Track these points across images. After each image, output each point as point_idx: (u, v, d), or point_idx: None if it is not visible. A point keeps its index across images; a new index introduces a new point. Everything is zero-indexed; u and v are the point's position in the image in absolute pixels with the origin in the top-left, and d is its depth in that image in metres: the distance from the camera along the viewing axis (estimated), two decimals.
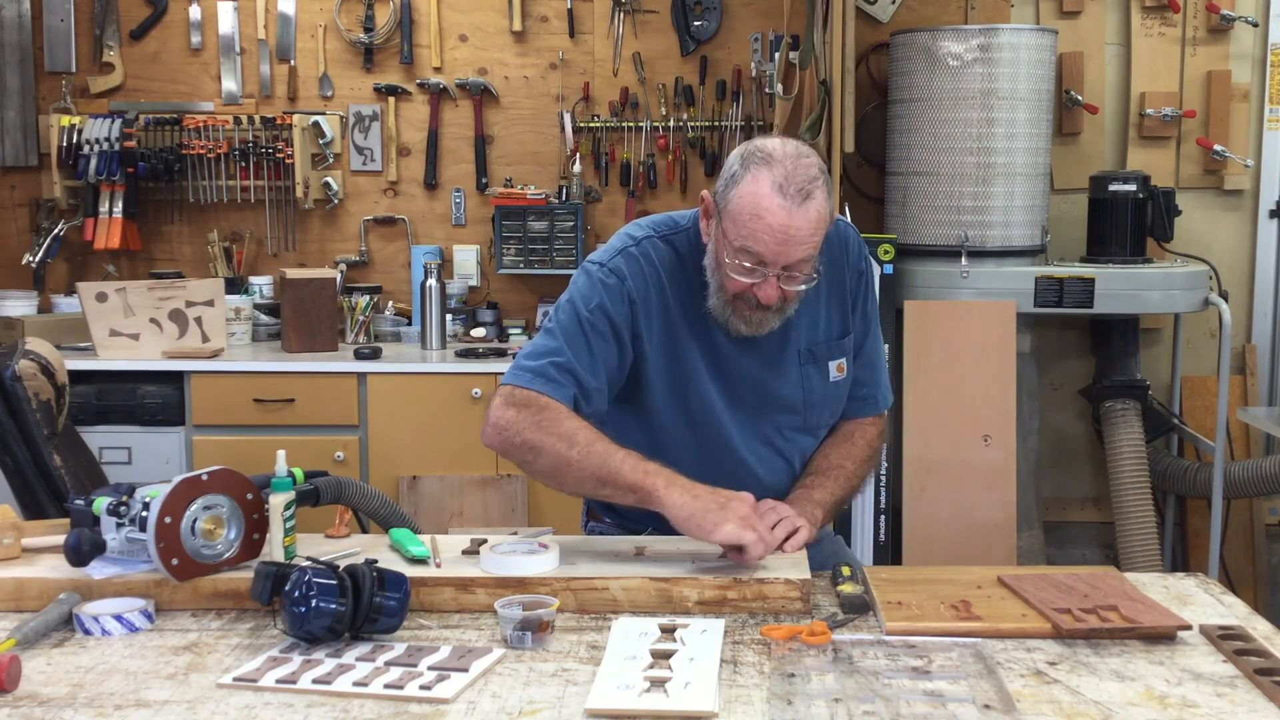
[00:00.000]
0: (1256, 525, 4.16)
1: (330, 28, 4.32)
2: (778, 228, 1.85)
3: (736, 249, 1.89)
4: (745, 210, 1.87)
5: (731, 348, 2.03)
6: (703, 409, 2.04)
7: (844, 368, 2.12)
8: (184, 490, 1.77)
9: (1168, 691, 1.48)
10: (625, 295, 1.98)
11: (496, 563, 1.81)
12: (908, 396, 3.65)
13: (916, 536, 3.61)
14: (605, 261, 2.01)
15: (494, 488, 3.76)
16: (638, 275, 1.99)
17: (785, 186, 1.85)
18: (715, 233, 1.95)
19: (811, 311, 2.07)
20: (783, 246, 1.86)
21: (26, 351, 2.73)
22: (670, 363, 2.02)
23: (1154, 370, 4.14)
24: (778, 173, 1.86)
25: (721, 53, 4.26)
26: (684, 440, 2.05)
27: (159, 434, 3.77)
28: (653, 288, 2.00)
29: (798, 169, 1.86)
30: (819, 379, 2.09)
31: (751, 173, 1.88)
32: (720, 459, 2.05)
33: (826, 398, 2.11)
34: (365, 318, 4.15)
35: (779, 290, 1.90)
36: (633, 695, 1.44)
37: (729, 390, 2.05)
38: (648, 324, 2.00)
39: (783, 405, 2.08)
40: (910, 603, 1.75)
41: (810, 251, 1.89)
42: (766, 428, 2.08)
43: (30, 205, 4.35)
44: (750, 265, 1.88)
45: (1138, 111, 4.12)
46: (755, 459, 2.08)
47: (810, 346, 2.08)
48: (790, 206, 1.84)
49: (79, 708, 1.45)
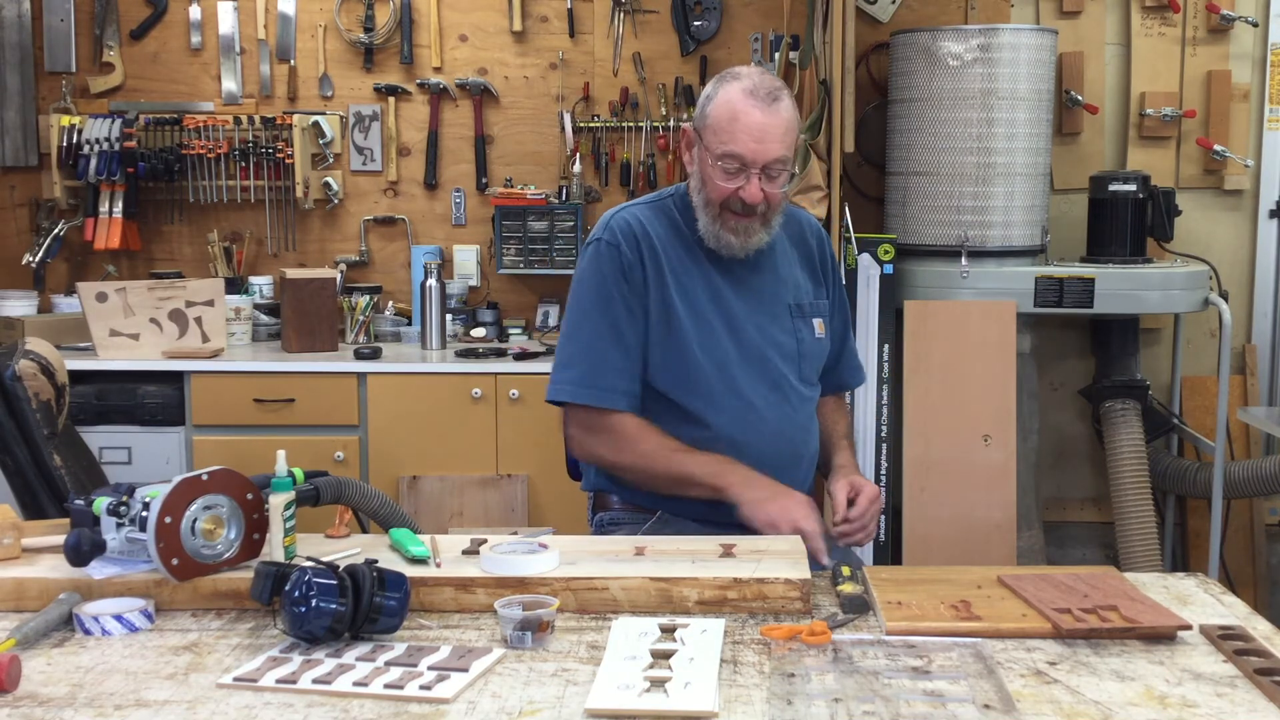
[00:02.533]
0: (1256, 525, 4.16)
1: (330, 28, 4.32)
2: (755, 126, 2.07)
3: (719, 156, 2.10)
4: (723, 117, 2.09)
5: (732, 292, 2.21)
6: (703, 351, 2.18)
7: (823, 327, 2.31)
8: (184, 490, 1.77)
9: (1168, 691, 1.48)
10: (624, 257, 2.18)
11: (496, 563, 1.81)
12: (908, 396, 3.65)
13: (916, 536, 3.61)
14: (600, 235, 2.22)
15: (494, 488, 3.76)
16: (630, 236, 2.20)
17: (756, 90, 2.09)
18: (698, 156, 2.16)
19: (793, 271, 2.29)
20: (760, 144, 2.08)
21: (26, 351, 2.73)
22: (674, 308, 2.18)
23: (1154, 370, 4.14)
24: (746, 82, 2.11)
25: (721, 53, 4.26)
26: (697, 383, 2.19)
27: (159, 434, 3.77)
28: (644, 245, 2.20)
29: (764, 78, 2.13)
30: (807, 332, 2.29)
31: (724, 87, 2.12)
32: (729, 401, 2.19)
33: (814, 353, 2.30)
34: (365, 318, 4.15)
35: (761, 191, 2.10)
36: (633, 695, 1.44)
37: (733, 333, 2.20)
38: (654, 275, 2.19)
39: (781, 350, 2.24)
40: (910, 603, 1.75)
41: (784, 151, 2.10)
42: (771, 372, 2.23)
43: (30, 205, 4.35)
44: (734, 169, 2.10)
45: (1138, 111, 4.12)
46: (763, 402, 2.21)
47: (797, 301, 2.28)
48: (763, 106, 2.08)
49: (79, 708, 1.45)
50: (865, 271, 3.67)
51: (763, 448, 2.19)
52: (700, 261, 2.22)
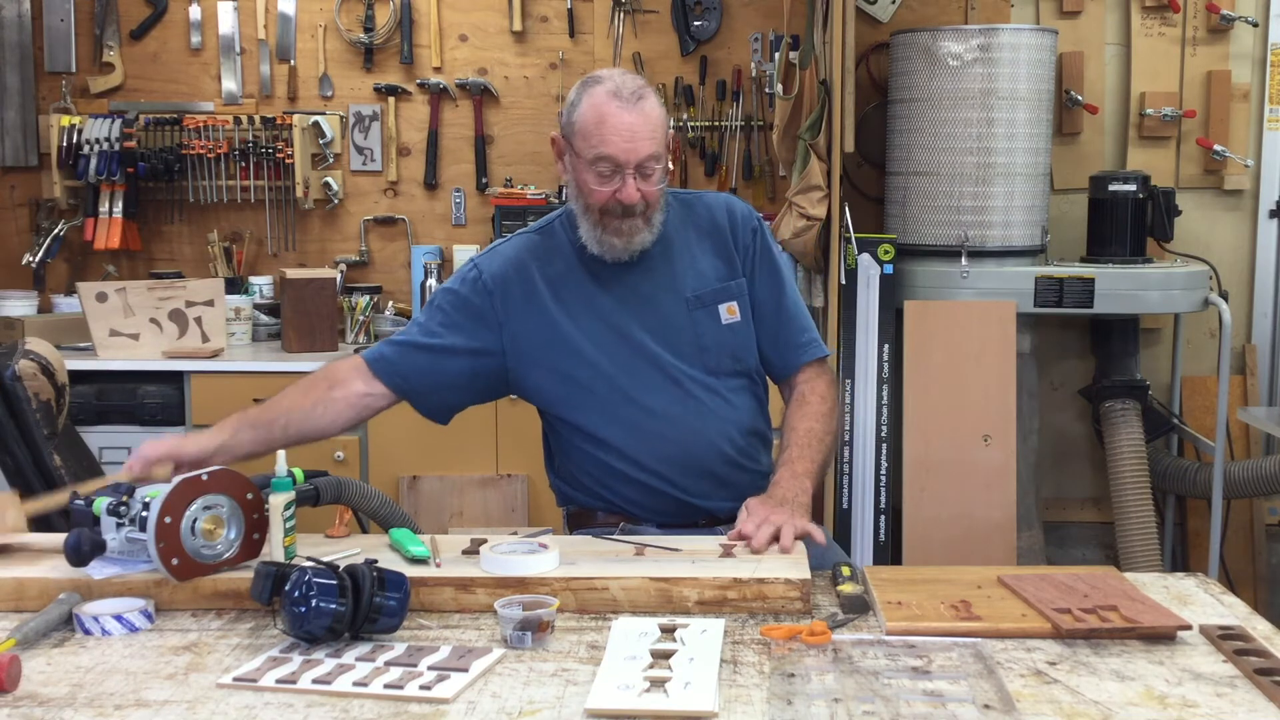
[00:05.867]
0: (1256, 525, 4.16)
1: (330, 28, 4.32)
2: (623, 127, 2.07)
3: (591, 161, 2.10)
4: (590, 122, 2.10)
5: (618, 308, 2.22)
6: (588, 368, 2.20)
7: (735, 310, 2.26)
8: (184, 490, 1.78)
9: (1168, 691, 1.48)
10: (483, 285, 2.23)
11: (496, 563, 1.82)
12: (908, 396, 3.65)
13: (916, 536, 3.61)
14: (475, 260, 2.29)
15: (494, 488, 3.76)
16: (495, 270, 2.24)
17: (619, 91, 2.09)
18: (570, 164, 2.17)
19: (696, 261, 2.26)
20: (630, 144, 2.08)
21: (26, 351, 2.73)
22: (550, 335, 2.21)
23: (1154, 370, 4.14)
24: (609, 84, 2.11)
25: (721, 53, 4.26)
26: (587, 401, 2.21)
27: (159, 434, 3.76)
28: (515, 275, 2.23)
29: (626, 79, 2.12)
30: (709, 322, 2.24)
31: (588, 91, 2.12)
32: (623, 411, 2.19)
33: (722, 341, 2.25)
34: (365, 318, 4.15)
35: (638, 191, 2.10)
36: (633, 695, 1.44)
37: (622, 340, 2.21)
38: (522, 305, 2.22)
39: (676, 347, 2.22)
40: (910, 603, 1.75)
41: (655, 148, 2.10)
42: (669, 370, 2.21)
43: (30, 205, 4.35)
44: (607, 172, 2.10)
45: (1138, 111, 4.12)
46: (662, 402, 2.20)
47: (696, 294, 2.24)
48: (628, 106, 2.08)
49: (79, 708, 1.45)
50: (865, 271, 3.67)
51: (669, 451, 2.17)
52: (585, 273, 2.22)
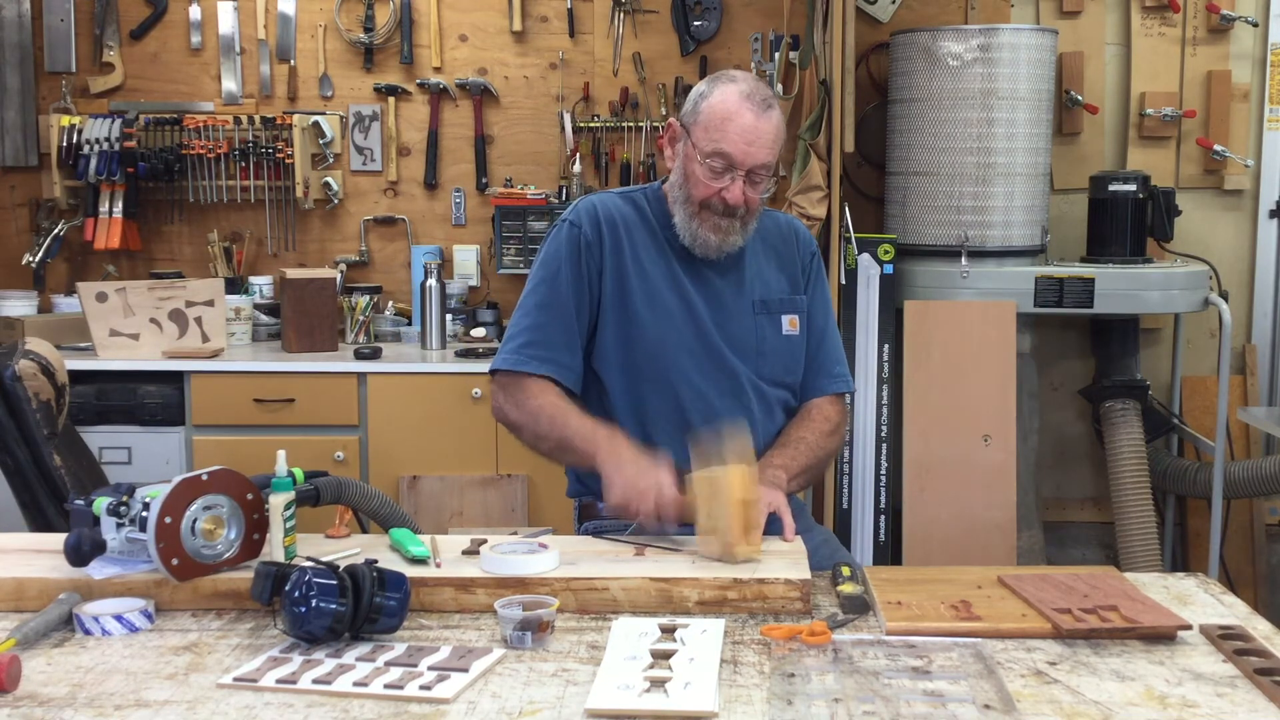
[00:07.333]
0: (1256, 525, 4.16)
1: (330, 28, 4.32)
2: (748, 128, 2.10)
3: (707, 154, 2.12)
4: (716, 116, 2.11)
5: (692, 283, 2.22)
6: (649, 342, 2.20)
7: (796, 324, 2.30)
8: (184, 490, 1.78)
9: (1168, 691, 1.48)
10: (583, 236, 2.21)
11: (496, 563, 1.82)
12: (908, 396, 3.65)
13: (916, 536, 3.61)
14: (567, 216, 2.26)
15: (494, 488, 3.76)
16: (593, 218, 2.23)
17: (751, 95, 2.12)
18: (682, 151, 2.18)
19: (763, 271, 2.29)
20: (750, 147, 2.10)
21: (26, 351, 2.73)
22: (631, 290, 2.21)
23: (1154, 370, 4.14)
24: (743, 86, 2.13)
25: (721, 53, 4.26)
26: (641, 371, 2.21)
27: (159, 434, 3.77)
28: (607, 227, 2.22)
29: (759, 85, 2.15)
30: (771, 329, 2.27)
31: (720, 87, 2.14)
32: (672, 390, 2.19)
33: (779, 350, 2.27)
34: (365, 318, 4.15)
35: (743, 194, 2.13)
36: (633, 695, 1.44)
37: (690, 322, 2.21)
38: (612, 256, 2.21)
39: (738, 345, 2.23)
40: (910, 603, 1.75)
41: (770, 157, 2.14)
42: (727, 364, 2.22)
43: (30, 205, 4.35)
44: (720, 168, 2.12)
45: (1138, 111, 4.12)
46: (714, 390, 2.21)
47: (763, 298, 2.28)
48: (757, 111, 2.11)
49: (79, 708, 1.45)
50: (865, 271, 3.67)
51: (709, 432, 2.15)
52: (664, 251, 2.23)
